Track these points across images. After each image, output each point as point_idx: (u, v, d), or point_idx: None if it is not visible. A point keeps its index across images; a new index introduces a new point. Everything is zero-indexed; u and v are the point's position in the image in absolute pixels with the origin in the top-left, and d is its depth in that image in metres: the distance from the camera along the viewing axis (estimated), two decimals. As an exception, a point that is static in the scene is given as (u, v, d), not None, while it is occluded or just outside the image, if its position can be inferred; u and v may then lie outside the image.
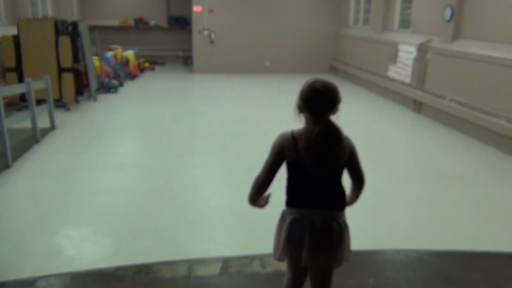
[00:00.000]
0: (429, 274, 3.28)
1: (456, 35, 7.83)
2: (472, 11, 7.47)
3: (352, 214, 2.28)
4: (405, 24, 10.24)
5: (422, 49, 8.66)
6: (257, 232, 3.84)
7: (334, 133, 2.01)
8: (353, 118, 8.52)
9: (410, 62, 9.12)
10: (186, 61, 15.71)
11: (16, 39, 8.37)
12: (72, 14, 13.72)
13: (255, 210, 2.49)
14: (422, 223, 4.23)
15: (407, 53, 9.28)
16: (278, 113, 8.75)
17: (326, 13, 14.07)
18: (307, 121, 2.04)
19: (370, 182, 2.46)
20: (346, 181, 2.20)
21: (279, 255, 2.20)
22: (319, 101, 1.97)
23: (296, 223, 2.08)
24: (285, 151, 2.02)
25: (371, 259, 3.50)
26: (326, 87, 1.99)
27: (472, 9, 7.47)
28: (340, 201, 2.15)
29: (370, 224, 4.18)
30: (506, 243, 3.90)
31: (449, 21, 7.91)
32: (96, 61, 10.28)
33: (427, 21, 8.93)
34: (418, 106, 8.91)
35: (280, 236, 2.17)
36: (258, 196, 2.19)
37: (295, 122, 2.10)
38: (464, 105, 7.27)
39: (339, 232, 2.10)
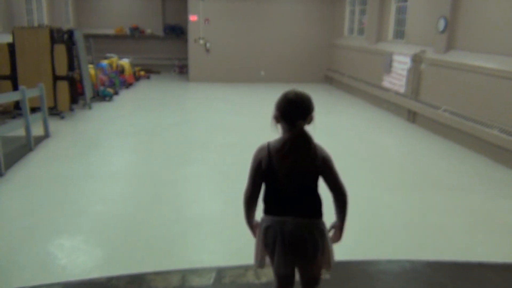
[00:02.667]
0: (423, 285, 3.28)
1: (450, 46, 7.91)
2: (465, 23, 7.56)
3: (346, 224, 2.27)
4: (399, 34, 10.33)
5: (416, 59, 8.73)
6: (251, 242, 3.81)
7: (304, 141, 2.06)
8: (347, 127, 8.56)
9: (404, 73, 9.19)
10: (182, 70, 15.75)
11: (11, 46, 8.37)
12: (67, 22, 13.74)
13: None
14: (415, 233, 4.24)
15: (401, 63, 9.35)
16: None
17: (321, 23, 14.18)
18: (283, 131, 2.12)
19: (363, 191, 2.47)
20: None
21: (256, 261, 2.30)
22: (292, 110, 2.06)
23: (269, 229, 2.16)
24: (261, 163, 2.11)
25: (364, 269, 3.49)
26: (299, 96, 2.08)
27: (465, 20, 7.55)
28: (314, 209, 2.18)
29: (363, 233, 4.18)
30: (499, 253, 3.91)
31: (442, 32, 7.98)
32: (91, 69, 10.29)
33: (421, 32, 9.02)
34: (412, 116, 8.96)
35: (257, 243, 2.27)
36: (250, 210, 2.26)
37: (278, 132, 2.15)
38: (457, 115, 7.32)
39: (312, 240, 2.12)
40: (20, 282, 3.18)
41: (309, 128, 2.11)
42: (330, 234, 2.27)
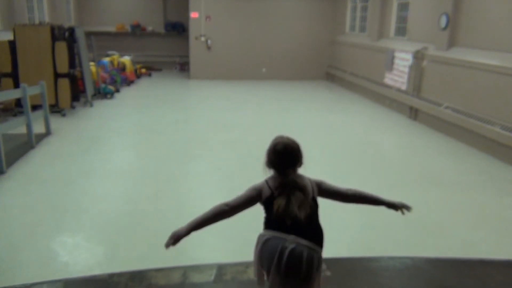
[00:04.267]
0: (424, 282, 3.28)
1: (452, 43, 7.88)
2: (467, 19, 7.53)
3: (346, 220, 2.29)
4: (401, 31, 10.30)
5: (418, 56, 8.70)
6: (252, 239, 3.81)
7: (298, 186, 2.16)
8: (349, 125, 8.54)
9: (406, 70, 9.17)
10: (183, 67, 15.73)
11: (12, 44, 8.37)
12: (69, 20, 13.72)
13: (250, 217, 2.50)
14: (416, 230, 4.23)
15: (403, 60, 9.33)
16: (274, 119, 8.77)
17: (322, 20, 14.14)
18: (276, 175, 2.24)
19: (364, 188, 2.47)
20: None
21: (257, 278, 2.28)
22: (281, 161, 2.20)
23: (269, 242, 2.14)
24: (262, 194, 2.20)
25: (365, 266, 3.49)
26: (288, 148, 2.21)
27: (467, 17, 7.52)
28: (317, 237, 2.18)
29: (364, 230, 4.18)
30: (500, 250, 3.90)
31: (444, 29, 7.96)
32: (92, 66, 10.28)
33: (423, 29, 8.99)
34: (414, 113, 8.94)
35: (255, 259, 2.24)
36: (213, 218, 2.34)
37: (288, 129, 2.15)
38: (459, 112, 7.30)
39: (308, 261, 2.08)
40: (22, 279, 3.19)
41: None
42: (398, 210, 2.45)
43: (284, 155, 2.20)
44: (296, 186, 2.15)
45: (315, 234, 2.18)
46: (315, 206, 2.22)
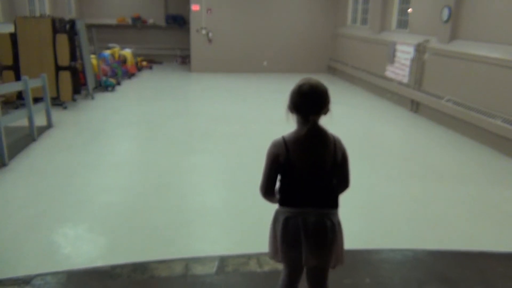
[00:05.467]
0: (425, 274, 3.30)
1: (454, 36, 7.85)
2: (469, 12, 7.49)
3: (348, 213, 2.30)
4: (403, 24, 10.26)
5: (420, 49, 8.67)
6: (254, 231, 3.84)
7: (320, 136, 2.07)
8: (350, 118, 8.53)
9: (408, 62, 9.14)
10: (184, 60, 15.69)
11: (13, 36, 8.35)
12: (69, 12, 13.69)
13: (252, 209, 2.50)
14: (417, 222, 4.25)
15: (404, 53, 9.30)
16: (275, 112, 8.75)
17: (324, 13, 14.08)
18: (297, 122, 2.10)
19: (366, 181, 2.47)
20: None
21: (276, 256, 2.23)
22: (305, 104, 2.02)
23: (290, 221, 2.10)
24: (279, 157, 2.06)
25: (367, 258, 3.50)
26: (314, 90, 2.03)
27: (469, 10, 7.49)
28: (332, 200, 2.17)
29: (365, 223, 4.19)
30: (501, 242, 3.92)
31: (446, 21, 7.92)
32: (93, 59, 10.26)
33: (425, 22, 8.95)
34: (415, 106, 8.93)
35: (275, 237, 2.19)
36: (272, 200, 2.21)
37: (290, 122, 2.13)
38: (461, 105, 7.29)
39: (333, 230, 2.12)
40: (25, 271, 3.20)
41: (324, 120, 2.06)
42: None
43: (310, 97, 2.01)
44: (316, 134, 2.03)
45: (330, 197, 2.14)
46: (334, 167, 2.10)
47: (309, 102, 2.02)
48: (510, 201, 4.84)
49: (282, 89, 11.35)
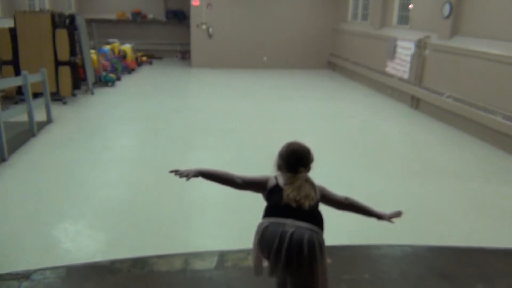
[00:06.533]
0: (424, 269, 3.30)
1: (454, 32, 7.83)
2: (470, 8, 7.47)
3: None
4: (403, 20, 10.23)
5: (420, 45, 8.65)
6: (253, 226, 3.82)
7: (308, 179, 2.27)
8: (350, 113, 8.53)
9: (408, 58, 9.12)
10: (184, 56, 15.66)
11: (12, 31, 8.33)
12: (69, 7, 13.65)
13: (251, 204, 2.50)
14: (417, 218, 4.25)
15: (405, 49, 9.28)
16: (275, 108, 8.74)
17: (324, 9, 14.04)
18: (284, 178, 2.29)
19: (365, 177, 2.47)
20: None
21: (254, 267, 2.29)
22: (296, 159, 2.27)
23: (269, 228, 2.15)
24: (267, 183, 2.31)
25: (366, 254, 3.51)
26: (302, 147, 2.31)
27: (470, 6, 7.46)
28: (316, 219, 2.19)
29: (364, 218, 4.19)
30: (500, 239, 3.92)
31: (447, 17, 7.90)
32: (93, 54, 10.24)
33: (426, 18, 8.92)
34: (415, 102, 8.92)
35: (254, 247, 2.25)
36: (221, 181, 2.58)
37: (289, 118, 2.15)
38: (461, 101, 7.28)
39: (311, 246, 2.08)
40: (25, 265, 3.21)
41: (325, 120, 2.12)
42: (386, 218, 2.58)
43: (299, 153, 2.28)
44: (307, 180, 2.24)
45: (315, 218, 2.19)
46: (316, 204, 2.27)
47: (299, 157, 2.28)
48: (509, 197, 4.85)
49: (282, 85, 11.39)
